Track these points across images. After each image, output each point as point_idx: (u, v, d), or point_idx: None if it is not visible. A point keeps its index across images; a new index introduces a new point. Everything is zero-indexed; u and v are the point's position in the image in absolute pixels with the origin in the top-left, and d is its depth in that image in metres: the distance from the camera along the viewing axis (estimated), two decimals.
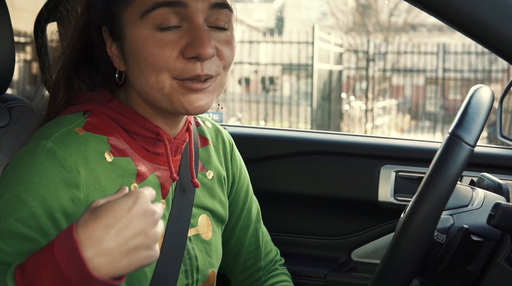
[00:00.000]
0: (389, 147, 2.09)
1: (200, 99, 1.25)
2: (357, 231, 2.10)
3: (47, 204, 1.17)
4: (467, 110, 1.24)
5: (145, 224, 1.03)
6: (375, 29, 20.57)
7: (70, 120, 1.28)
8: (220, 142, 1.58)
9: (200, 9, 1.22)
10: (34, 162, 1.19)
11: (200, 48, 1.20)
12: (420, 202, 1.17)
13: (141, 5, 1.22)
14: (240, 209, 1.63)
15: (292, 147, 2.12)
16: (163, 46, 1.21)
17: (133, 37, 1.23)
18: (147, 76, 1.23)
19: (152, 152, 1.34)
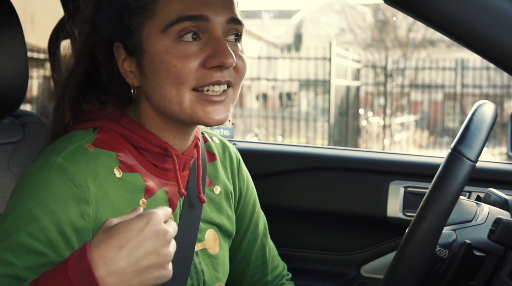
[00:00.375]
0: (398, 162, 2.10)
1: (219, 112, 1.29)
2: (366, 246, 2.11)
3: (57, 219, 1.19)
4: (469, 126, 1.25)
5: (157, 244, 1.06)
6: (394, 45, 20.53)
7: (80, 136, 1.31)
8: (227, 157, 1.60)
9: (219, 22, 1.27)
10: (44, 178, 1.22)
11: (224, 57, 1.24)
12: (422, 217, 1.18)
13: (162, 19, 1.26)
14: (247, 223, 1.64)
15: (302, 163, 2.13)
16: (185, 58, 1.25)
17: (154, 50, 1.26)
18: (167, 89, 1.26)
19: (160, 168, 1.36)
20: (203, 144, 1.54)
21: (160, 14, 1.26)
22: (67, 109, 1.39)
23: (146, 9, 1.27)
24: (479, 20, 1.31)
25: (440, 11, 1.35)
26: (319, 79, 13.91)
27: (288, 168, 2.14)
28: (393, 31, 20.74)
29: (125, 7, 1.29)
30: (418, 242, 1.18)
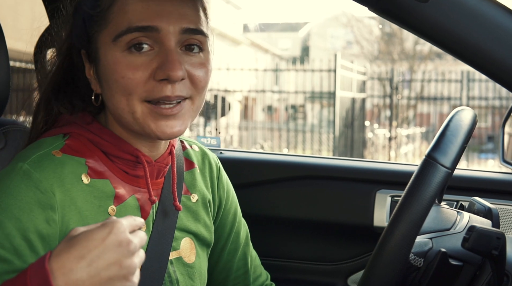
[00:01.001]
0: (384, 171, 2.07)
1: (172, 126, 1.26)
2: (353, 256, 2.08)
3: (22, 226, 1.17)
4: (445, 132, 1.23)
5: (118, 255, 1.03)
6: (400, 57, 20.54)
7: (49, 142, 1.30)
8: (207, 165, 1.58)
9: (171, 33, 1.24)
10: (10, 184, 1.21)
11: (170, 70, 1.21)
12: (395, 224, 1.15)
13: (114, 28, 1.25)
14: (227, 232, 1.62)
15: (288, 172, 2.11)
16: (134, 69, 1.23)
17: (106, 59, 1.26)
18: (118, 99, 1.25)
19: (131, 175, 1.35)
20: (181, 152, 1.52)
21: (112, 23, 1.26)
22: (41, 108, 1.38)
23: (101, 17, 1.27)
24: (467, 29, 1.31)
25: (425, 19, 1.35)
26: (325, 91, 13.91)
27: (275, 177, 2.12)
28: (399, 44, 20.75)
29: (86, 14, 1.29)
30: (391, 250, 1.15)
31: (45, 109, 1.37)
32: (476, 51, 1.32)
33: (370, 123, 15.20)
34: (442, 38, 1.36)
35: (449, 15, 1.32)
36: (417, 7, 1.32)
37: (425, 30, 1.37)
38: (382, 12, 1.41)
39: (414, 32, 1.42)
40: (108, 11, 1.26)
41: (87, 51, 1.31)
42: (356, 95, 13.67)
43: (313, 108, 17.66)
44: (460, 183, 1.93)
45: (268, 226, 2.07)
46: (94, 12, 1.28)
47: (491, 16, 1.26)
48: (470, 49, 1.33)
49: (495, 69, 1.33)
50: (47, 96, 1.37)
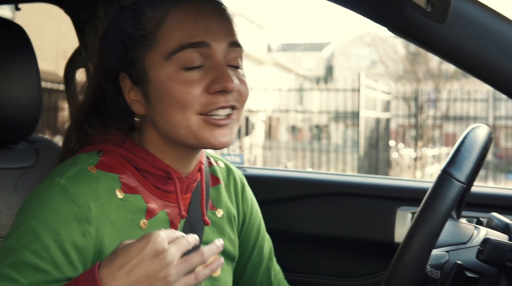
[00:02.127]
0: (405, 188, 2.10)
1: (225, 135, 1.33)
2: (374, 272, 2.10)
3: (59, 238, 1.24)
4: (460, 148, 1.27)
5: (155, 264, 1.13)
6: (426, 77, 20.46)
7: (84, 159, 1.36)
8: (232, 181, 1.63)
9: (220, 48, 1.32)
10: (48, 198, 1.27)
11: (226, 82, 1.29)
12: (411, 238, 1.19)
13: (165, 47, 1.30)
14: (251, 247, 1.66)
15: (310, 188, 2.15)
16: (189, 84, 1.29)
17: (158, 78, 1.31)
18: (172, 114, 1.30)
19: (162, 190, 1.40)
20: (208, 168, 1.57)
21: (161, 43, 1.31)
22: (73, 134, 1.45)
23: (148, 38, 1.32)
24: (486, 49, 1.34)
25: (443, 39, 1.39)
26: (349, 111, 13.92)
27: (297, 194, 2.16)
28: (425, 63, 20.67)
29: (128, 37, 1.34)
30: (408, 263, 1.19)
31: (77, 135, 1.44)
32: (494, 71, 1.35)
33: (395, 143, 15.15)
34: (460, 58, 1.39)
35: (466, 35, 1.36)
36: (435, 27, 1.36)
37: (443, 50, 1.41)
38: (400, 32, 1.46)
39: (432, 52, 1.46)
40: (156, 32, 1.31)
41: (129, 73, 1.36)
42: (380, 114, 13.66)
43: (337, 128, 17.66)
44: (479, 200, 1.95)
45: (290, 242, 2.11)
46: (138, 34, 1.32)
47: (508, 35, 1.30)
48: (489, 68, 1.36)
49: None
50: (79, 123, 1.43)
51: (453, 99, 15.23)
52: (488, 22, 1.34)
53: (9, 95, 1.73)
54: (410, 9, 1.37)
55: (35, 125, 1.84)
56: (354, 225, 2.09)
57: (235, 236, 1.59)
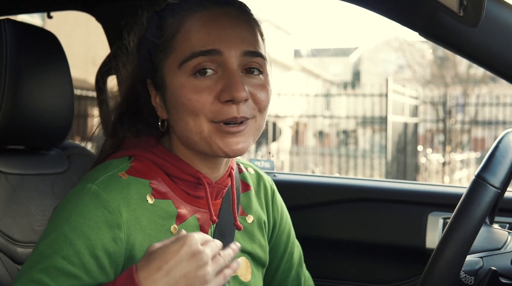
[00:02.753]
0: (436, 194, 2.09)
1: (238, 143, 1.32)
2: (406, 278, 2.09)
3: (91, 243, 1.25)
4: (494, 153, 1.26)
5: (192, 265, 1.16)
6: (454, 81, 20.27)
7: (116, 164, 1.37)
8: (262, 187, 1.63)
9: (233, 56, 1.31)
10: (80, 204, 1.28)
11: (234, 91, 1.28)
12: (445, 243, 1.18)
13: (179, 55, 1.32)
14: (281, 253, 1.67)
15: (340, 194, 2.15)
16: (199, 92, 1.30)
17: (172, 85, 1.33)
18: (186, 120, 1.32)
19: (192, 195, 1.41)
20: (238, 174, 1.57)
21: (177, 50, 1.33)
22: (108, 139, 1.48)
23: (166, 46, 1.35)
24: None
25: (475, 44, 1.38)
26: (376, 116, 13.85)
27: (326, 200, 2.15)
28: (453, 67, 20.48)
29: (152, 45, 1.37)
30: (442, 269, 1.18)
31: (112, 136, 1.46)
32: None
33: (423, 148, 15.02)
34: (492, 62, 1.39)
35: (498, 39, 1.35)
36: (467, 32, 1.36)
37: (474, 55, 1.40)
38: (431, 37, 1.45)
39: (463, 56, 1.45)
40: (173, 39, 1.33)
41: (152, 80, 1.39)
42: (408, 119, 13.57)
43: (364, 133, 17.58)
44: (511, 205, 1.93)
45: (320, 248, 2.10)
46: (159, 41, 1.35)
47: None
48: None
49: None
50: (114, 124, 1.45)
51: (482, 103, 15.06)
52: None
53: (42, 102, 1.76)
54: (442, 14, 1.36)
55: (68, 131, 1.86)
56: (384, 231, 2.08)
57: (265, 242, 1.59)
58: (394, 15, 1.51)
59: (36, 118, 1.75)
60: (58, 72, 1.81)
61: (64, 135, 1.87)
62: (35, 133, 1.78)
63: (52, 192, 1.80)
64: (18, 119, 1.69)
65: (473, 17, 1.24)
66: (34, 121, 1.75)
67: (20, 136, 1.75)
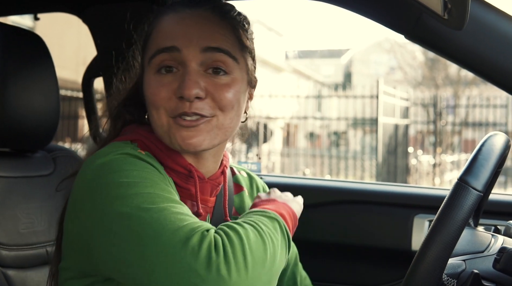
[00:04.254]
0: (422, 196, 2.09)
1: (192, 137, 1.33)
2: (391, 280, 2.09)
3: (162, 186, 1.25)
4: (477, 156, 1.26)
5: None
6: (445, 83, 20.35)
7: (123, 145, 1.36)
8: (255, 189, 1.66)
9: (192, 53, 1.33)
10: (125, 164, 1.26)
11: (184, 89, 1.31)
12: (427, 246, 1.19)
13: (149, 52, 1.39)
14: None
15: (325, 196, 2.15)
16: (159, 87, 1.34)
17: (144, 80, 1.39)
18: (151, 113, 1.37)
19: (182, 187, 1.41)
20: (231, 176, 1.60)
21: (148, 48, 1.40)
22: (112, 122, 1.49)
23: (144, 44, 1.43)
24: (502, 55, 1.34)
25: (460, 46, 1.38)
26: (367, 118, 13.88)
27: (313, 202, 2.15)
28: (443, 69, 20.56)
29: (142, 43, 1.45)
30: (424, 272, 1.18)
31: (116, 119, 1.48)
32: (511, 77, 1.35)
33: (413, 150, 15.06)
34: (477, 65, 1.39)
35: (483, 41, 1.36)
36: (452, 35, 1.36)
37: (460, 57, 1.41)
38: (417, 39, 1.46)
39: (449, 59, 1.46)
40: (148, 38, 1.41)
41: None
42: (399, 121, 13.61)
43: (355, 135, 17.62)
44: (497, 208, 1.94)
45: (305, 250, 2.10)
46: (142, 40, 1.44)
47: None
48: (506, 75, 1.36)
49: None
50: (118, 109, 1.48)
51: (472, 105, 15.11)
52: (505, 28, 1.34)
53: (28, 105, 1.75)
54: (427, 16, 1.36)
55: (53, 134, 1.86)
56: (371, 233, 2.09)
57: None
58: (380, 18, 1.52)
59: (21, 120, 1.75)
60: (44, 74, 1.81)
61: (50, 138, 1.86)
62: (20, 136, 1.78)
63: (38, 195, 1.80)
64: (3, 122, 1.68)
65: (458, 20, 1.24)
66: (19, 124, 1.74)
67: (5, 139, 1.75)
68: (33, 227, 1.76)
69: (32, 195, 1.78)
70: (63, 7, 2.31)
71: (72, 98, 12.15)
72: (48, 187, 1.82)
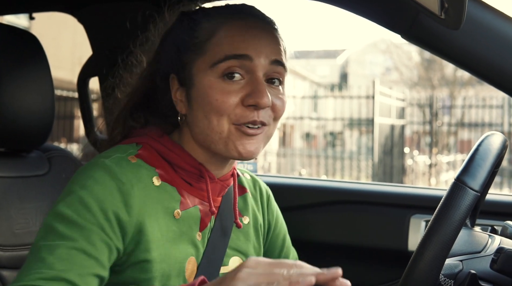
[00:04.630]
0: (418, 196, 2.09)
1: (252, 145, 1.37)
2: (388, 280, 2.09)
3: (104, 207, 1.29)
4: (474, 156, 1.25)
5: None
6: (440, 84, 20.38)
7: (124, 149, 1.41)
8: (258, 191, 1.67)
9: (262, 64, 1.37)
10: (95, 173, 1.32)
11: (259, 98, 1.33)
12: (425, 247, 1.18)
13: (212, 56, 1.37)
14: (276, 256, 1.69)
15: (323, 196, 2.15)
16: (227, 94, 1.35)
17: (201, 84, 1.37)
18: (210, 119, 1.36)
19: (196, 187, 1.44)
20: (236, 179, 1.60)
21: (210, 52, 1.38)
22: (120, 123, 1.50)
23: (199, 47, 1.40)
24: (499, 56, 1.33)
25: (457, 46, 1.38)
26: (363, 118, 13.90)
27: (310, 202, 2.15)
28: (439, 70, 20.59)
29: (182, 43, 1.42)
30: (421, 272, 1.17)
31: (123, 125, 1.49)
32: (508, 77, 1.34)
33: (409, 150, 15.08)
34: (474, 65, 1.39)
35: (480, 41, 1.35)
36: (449, 34, 1.36)
37: (457, 57, 1.40)
38: (414, 39, 1.45)
39: (446, 58, 1.45)
40: (207, 42, 1.39)
41: (177, 75, 1.43)
42: (395, 121, 13.62)
43: (351, 135, 17.63)
44: (493, 208, 1.93)
45: (303, 250, 2.09)
46: (191, 42, 1.41)
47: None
48: (503, 75, 1.35)
49: None
50: (126, 113, 1.49)
51: (468, 105, 15.15)
52: (502, 28, 1.33)
53: (22, 104, 1.74)
54: (424, 16, 1.36)
55: (48, 133, 1.85)
56: (368, 234, 2.08)
57: (259, 244, 1.62)
58: (376, 17, 1.52)
59: (16, 120, 1.74)
60: (39, 73, 1.80)
61: (45, 137, 1.85)
62: (15, 135, 1.77)
63: (33, 195, 1.79)
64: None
65: (455, 19, 1.24)
66: (14, 123, 1.73)
67: (0, 138, 1.74)
68: (28, 228, 1.75)
69: (27, 195, 1.77)
70: (59, 6, 2.30)
71: (68, 98, 12.12)
72: (43, 187, 1.81)
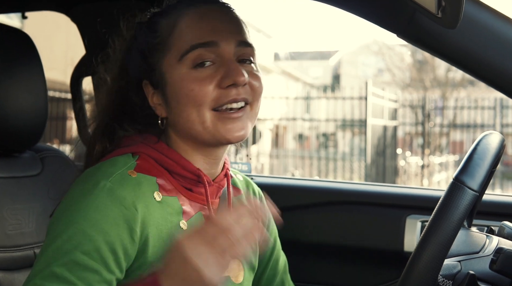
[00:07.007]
0: (414, 197, 2.08)
1: (238, 128, 1.36)
2: (384, 281, 2.08)
3: (110, 239, 1.25)
4: (472, 155, 1.24)
5: None
6: (433, 85, 20.42)
7: (122, 162, 1.37)
8: (251, 192, 1.66)
9: (229, 46, 1.36)
10: (96, 200, 1.27)
11: (236, 76, 1.33)
12: (423, 247, 1.17)
13: (178, 49, 1.36)
14: (267, 258, 1.68)
15: (318, 197, 2.14)
16: (201, 81, 1.33)
17: (173, 79, 1.36)
18: (188, 112, 1.35)
19: (196, 192, 1.42)
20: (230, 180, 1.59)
21: (175, 46, 1.37)
22: (97, 140, 1.46)
23: (163, 44, 1.38)
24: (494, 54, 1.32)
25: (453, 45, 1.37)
26: (356, 119, 13.91)
27: (304, 203, 2.14)
28: (432, 71, 20.63)
29: (147, 47, 1.40)
30: (419, 273, 1.16)
31: (108, 135, 1.45)
32: (505, 77, 1.33)
33: (402, 151, 15.10)
34: (470, 64, 1.38)
35: (477, 41, 1.34)
36: (445, 33, 1.35)
37: (453, 56, 1.39)
38: (410, 38, 1.44)
39: (443, 58, 1.44)
40: (170, 37, 1.38)
41: (149, 80, 1.41)
42: (387, 122, 13.63)
43: (344, 136, 17.64)
44: (490, 208, 1.93)
45: (298, 251, 2.09)
46: (155, 42, 1.39)
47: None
48: (500, 74, 1.34)
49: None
50: (108, 126, 1.45)
51: (460, 107, 15.19)
52: (499, 27, 1.33)
53: (15, 104, 1.72)
54: (420, 15, 1.35)
55: (41, 133, 1.83)
56: (362, 234, 2.07)
57: (256, 246, 1.59)
58: (372, 17, 1.51)
59: (8, 120, 1.72)
60: (32, 73, 1.78)
61: (37, 137, 1.83)
62: (7, 135, 1.75)
63: (25, 195, 1.77)
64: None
65: (451, 19, 1.23)
66: (6, 123, 1.72)
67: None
68: (21, 228, 1.74)
69: (20, 195, 1.75)
70: (51, 5, 2.28)
71: (60, 99, 12.07)
72: (36, 187, 1.79)
